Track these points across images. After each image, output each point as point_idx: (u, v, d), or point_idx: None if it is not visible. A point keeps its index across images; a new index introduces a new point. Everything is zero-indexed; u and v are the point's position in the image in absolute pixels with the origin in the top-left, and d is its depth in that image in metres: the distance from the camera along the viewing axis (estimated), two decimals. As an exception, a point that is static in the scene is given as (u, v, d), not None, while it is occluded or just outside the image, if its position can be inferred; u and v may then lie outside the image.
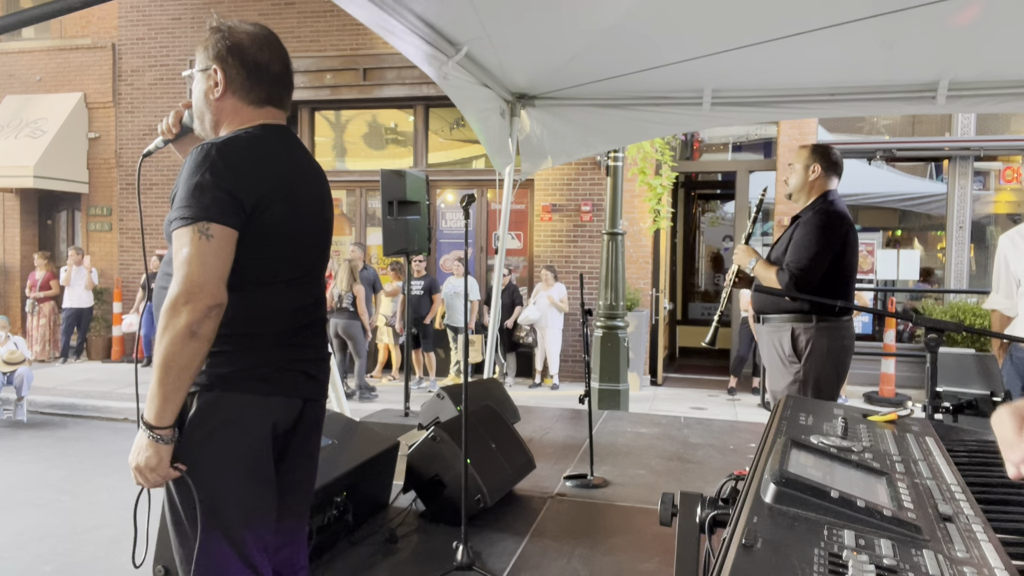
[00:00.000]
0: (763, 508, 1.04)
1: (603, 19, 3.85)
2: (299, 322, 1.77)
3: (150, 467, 1.56)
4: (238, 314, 1.64)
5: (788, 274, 3.11)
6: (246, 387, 1.65)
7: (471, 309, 8.87)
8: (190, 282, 1.52)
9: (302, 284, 1.78)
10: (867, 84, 4.71)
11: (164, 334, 1.52)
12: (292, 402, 1.75)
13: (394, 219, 6.04)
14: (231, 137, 1.69)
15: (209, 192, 1.56)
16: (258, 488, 1.68)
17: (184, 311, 1.51)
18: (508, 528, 3.38)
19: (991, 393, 2.56)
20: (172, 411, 1.55)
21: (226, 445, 1.64)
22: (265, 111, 1.79)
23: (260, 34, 1.77)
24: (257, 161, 1.66)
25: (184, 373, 1.53)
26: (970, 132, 9.16)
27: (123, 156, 11.43)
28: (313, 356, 1.81)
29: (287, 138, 1.81)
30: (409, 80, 10.02)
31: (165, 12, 11.16)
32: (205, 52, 1.76)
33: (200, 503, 1.61)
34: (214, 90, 1.76)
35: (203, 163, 1.58)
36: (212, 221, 1.56)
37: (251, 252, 1.64)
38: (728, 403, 8.55)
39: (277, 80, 1.79)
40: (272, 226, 1.67)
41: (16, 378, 7.42)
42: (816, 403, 1.81)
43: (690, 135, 10.26)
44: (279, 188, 1.69)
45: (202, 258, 1.54)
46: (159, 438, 1.55)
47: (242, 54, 1.74)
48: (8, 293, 12.05)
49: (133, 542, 1.77)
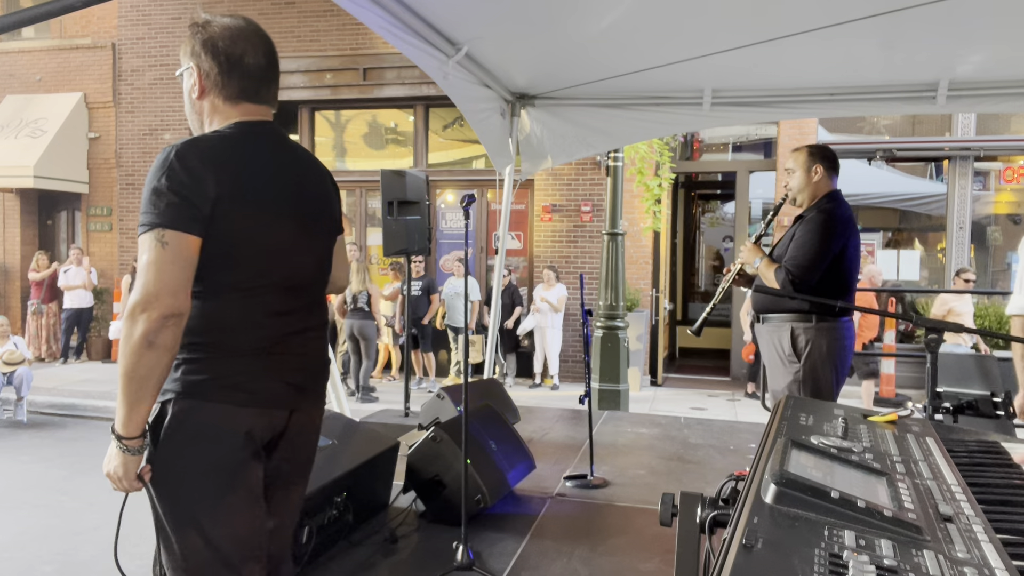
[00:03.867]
0: (763, 508, 1.04)
1: (603, 19, 3.85)
2: (283, 329, 1.68)
3: (118, 476, 1.55)
4: (212, 321, 1.60)
5: (787, 273, 3.10)
6: (219, 396, 1.60)
7: (471, 309, 8.86)
8: (146, 291, 1.48)
9: (285, 288, 1.69)
10: (867, 84, 4.71)
11: (124, 344, 1.49)
12: (274, 412, 1.68)
13: (394, 219, 6.04)
14: (195, 138, 1.63)
15: (165, 197, 1.51)
16: (233, 497, 1.63)
17: (140, 320, 1.47)
18: (508, 528, 3.38)
19: (991, 393, 2.56)
20: (137, 421, 1.52)
21: (198, 455, 1.59)
22: (241, 107, 1.70)
23: (235, 26, 1.68)
24: (217, 162, 1.57)
25: (145, 383, 1.50)
26: (970, 132, 9.16)
27: (123, 156, 11.43)
28: (299, 364, 1.73)
29: (265, 135, 1.72)
30: (409, 80, 10.02)
31: (165, 12, 11.16)
32: (183, 50, 1.70)
33: (176, 512, 1.60)
34: (194, 89, 1.70)
35: (161, 167, 1.53)
36: (167, 228, 1.50)
37: (219, 257, 1.58)
38: (728, 403, 8.55)
39: (251, 74, 1.69)
40: (239, 229, 1.59)
41: (16, 378, 7.41)
42: (816, 403, 1.81)
43: (690, 135, 10.26)
44: (243, 189, 1.60)
45: (158, 266, 1.49)
46: (125, 448, 1.53)
47: (214, 49, 1.66)
48: (8, 293, 12.05)
49: (114, 543, 1.77)
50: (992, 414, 2.48)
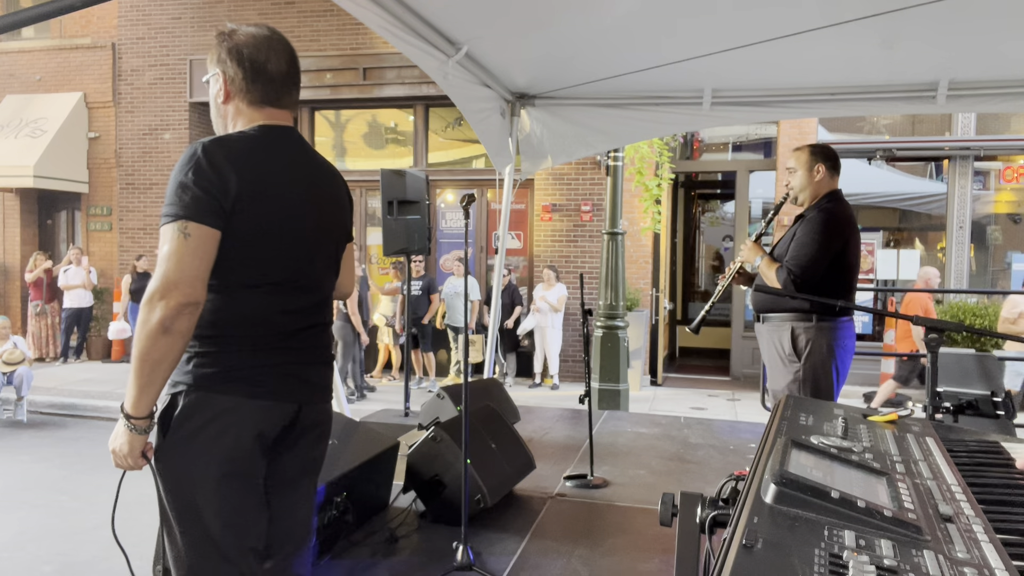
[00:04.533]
0: (763, 508, 1.04)
1: (603, 19, 3.85)
2: (293, 325, 1.74)
3: (123, 453, 1.63)
4: (224, 315, 1.66)
5: (787, 272, 3.10)
6: (230, 389, 1.66)
7: (471, 309, 8.86)
8: (166, 279, 1.55)
9: (296, 287, 1.75)
10: (867, 84, 4.71)
11: (140, 328, 1.56)
12: (283, 406, 1.73)
13: (394, 219, 6.04)
14: (220, 137, 1.71)
15: (190, 191, 1.58)
16: (239, 490, 1.68)
17: (158, 307, 1.54)
18: (508, 528, 3.37)
19: (991, 393, 2.56)
20: (147, 402, 1.60)
21: (207, 446, 1.64)
22: (265, 112, 1.79)
23: (260, 35, 1.78)
24: (240, 161, 1.65)
25: (158, 367, 1.57)
26: (970, 132, 9.16)
27: (123, 156, 11.43)
28: (309, 359, 1.79)
29: (286, 139, 1.80)
30: (409, 80, 10.02)
31: (165, 12, 11.15)
32: (210, 57, 1.80)
33: (179, 501, 1.66)
34: (220, 94, 1.79)
35: (188, 163, 1.61)
36: (191, 220, 1.58)
37: (235, 253, 1.64)
38: (728, 403, 8.55)
39: (274, 80, 1.78)
40: (256, 227, 1.66)
41: (16, 378, 7.42)
42: (816, 403, 1.81)
43: (690, 135, 10.26)
44: (263, 188, 1.68)
45: (179, 256, 1.56)
46: (133, 427, 1.61)
47: (239, 56, 1.75)
48: (8, 293, 12.05)
49: (111, 517, 1.77)
50: (992, 414, 2.48)
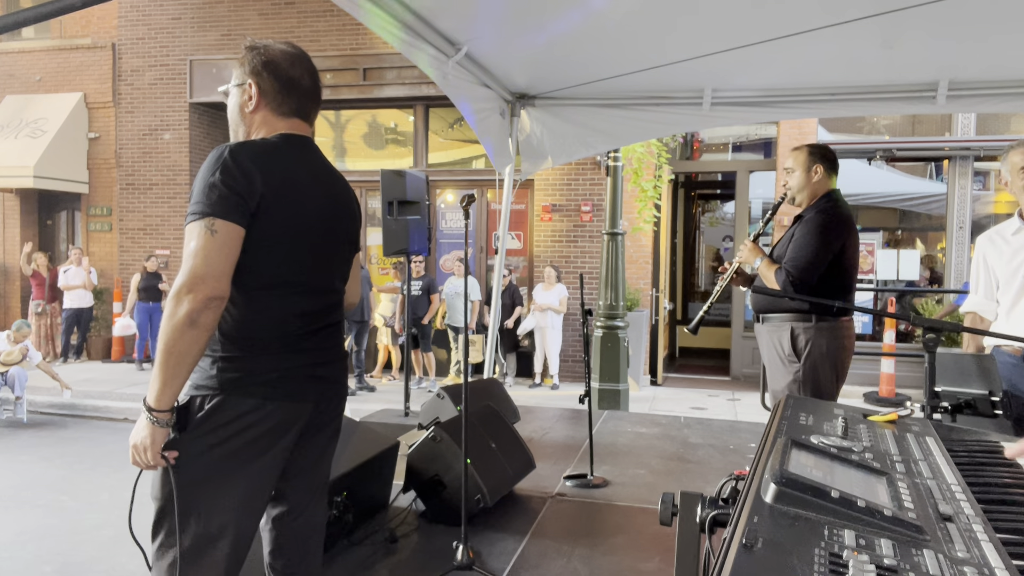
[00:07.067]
0: (763, 508, 1.05)
1: (603, 19, 3.85)
2: (310, 327, 1.82)
3: (144, 446, 1.64)
4: (247, 319, 1.72)
5: (786, 273, 3.11)
6: (253, 392, 1.71)
7: (472, 309, 8.86)
8: (193, 274, 1.60)
9: (313, 289, 1.83)
10: (867, 84, 4.71)
11: (167, 322, 1.60)
12: (301, 406, 1.80)
13: (394, 219, 6.04)
14: (245, 141, 1.79)
15: (217, 190, 1.65)
16: (254, 493, 1.75)
17: (185, 300, 1.59)
18: (508, 528, 3.38)
19: (989, 393, 2.57)
20: (170, 395, 1.63)
21: (227, 448, 1.70)
22: (291, 122, 1.88)
23: (292, 52, 1.90)
24: (265, 165, 1.72)
25: (183, 360, 1.61)
26: (970, 132, 9.16)
27: (123, 156, 11.43)
28: (324, 359, 1.86)
29: (304, 148, 1.89)
30: (409, 80, 10.02)
31: (165, 12, 11.15)
32: (242, 68, 1.87)
33: (191, 503, 1.68)
34: (248, 103, 1.86)
35: (215, 164, 1.67)
36: (218, 217, 1.63)
37: (258, 255, 1.71)
38: (728, 403, 8.55)
39: (306, 93, 1.90)
40: (277, 229, 1.73)
41: (9, 378, 7.48)
42: (816, 403, 1.81)
43: (690, 135, 10.26)
44: (285, 192, 1.74)
45: (206, 252, 1.61)
46: (155, 420, 1.63)
47: (276, 69, 1.85)
48: (8, 293, 12.05)
49: (128, 516, 1.77)
50: (990, 413, 2.49)
